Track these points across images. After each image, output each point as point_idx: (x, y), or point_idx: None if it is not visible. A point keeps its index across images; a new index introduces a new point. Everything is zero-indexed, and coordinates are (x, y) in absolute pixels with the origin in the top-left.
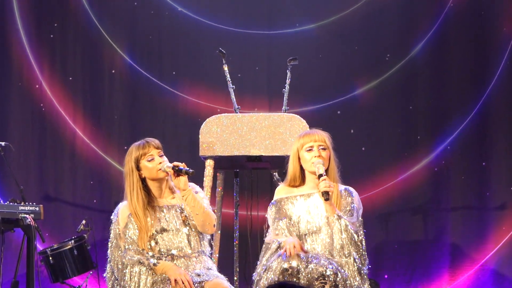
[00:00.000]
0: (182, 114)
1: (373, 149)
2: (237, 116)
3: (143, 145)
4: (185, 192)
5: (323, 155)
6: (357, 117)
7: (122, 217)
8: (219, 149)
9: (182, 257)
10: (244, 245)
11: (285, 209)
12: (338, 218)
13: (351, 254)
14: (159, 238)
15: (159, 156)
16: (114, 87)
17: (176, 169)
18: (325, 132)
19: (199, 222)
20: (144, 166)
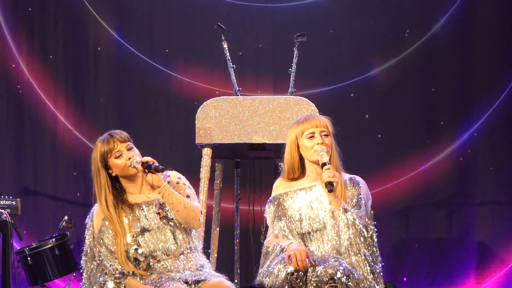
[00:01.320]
0: (176, 97)
1: (390, 137)
2: (237, 99)
3: (107, 140)
4: (160, 189)
5: (326, 142)
6: (372, 100)
7: (96, 220)
8: (218, 136)
9: (169, 257)
10: (246, 244)
11: (285, 206)
12: (344, 211)
13: (360, 252)
14: (140, 240)
15: (128, 149)
16: (100, 66)
17: (145, 166)
18: (326, 116)
19: (181, 218)
20: (113, 164)
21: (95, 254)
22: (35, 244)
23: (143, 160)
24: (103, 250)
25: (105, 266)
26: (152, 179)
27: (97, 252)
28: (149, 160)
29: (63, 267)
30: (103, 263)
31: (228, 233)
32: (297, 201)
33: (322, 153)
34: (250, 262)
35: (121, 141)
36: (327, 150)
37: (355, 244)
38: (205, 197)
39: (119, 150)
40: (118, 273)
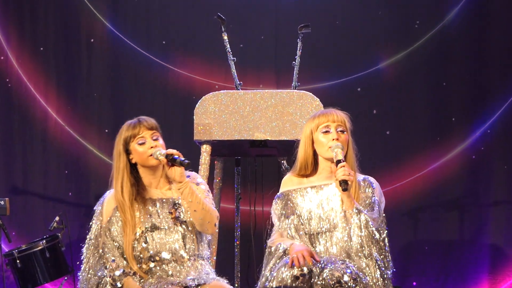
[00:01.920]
0: (174, 91)
1: (399, 133)
2: (238, 93)
3: (134, 124)
4: (181, 185)
5: (342, 139)
6: (380, 95)
7: (107, 209)
8: (217, 132)
9: (174, 261)
10: (247, 246)
11: (294, 204)
12: (357, 212)
13: (372, 255)
14: (148, 237)
15: (153, 139)
16: (94, 59)
17: (169, 158)
18: (344, 112)
19: (197, 220)
20: (133, 150)
21: (99, 244)
22: (24, 246)
23: (168, 152)
24: (108, 243)
25: (107, 260)
26: (175, 173)
27: (101, 243)
28: (175, 153)
29: (54, 271)
30: (105, 256)
31: (228, 235)
32: (306, 199)
33: (337, 149)
34: (251, 265)
35: (147, 127)
36: (342, 147)
37: (367, 247)
38: None
39: (143, 137)
40: (119, 270)
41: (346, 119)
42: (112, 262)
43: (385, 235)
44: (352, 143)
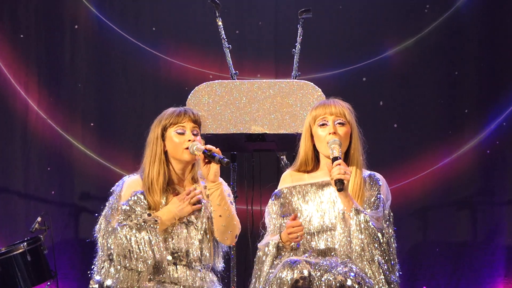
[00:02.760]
0: (165, 82)
1: (407, 126)
2: (234, 83)
3: (179, 113)
4: (214, 185)
5: (339, 132)
6: (387, 85)
7: (127, 191)
8: (211, 125)
9: (185, 264)
10: (243, 248)
11: (292, 203)
12: (356, 212)
13: (374, 259)
14: (173, 231)
15: (193, 133)
16: (78, 47)
17: (207, 154)
18: (346, 102)
19: (219, 227)
20: (169, 138)
21: (112, 222)
22: (4, 249)
23: (207, 147)
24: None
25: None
26: (210, 171)
27: (115, 220)
28: (214, 150)
29: (36, 275)
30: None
31: None
32: (307, 197)
33: (334, 145)
34: (248, 268)
35: (191, 119)
36: (339, 143)
37: (368, 251)
38: None
39: (184, 127)
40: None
41: (347, 111)
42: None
43: (389, 236)
44: (359, 136)
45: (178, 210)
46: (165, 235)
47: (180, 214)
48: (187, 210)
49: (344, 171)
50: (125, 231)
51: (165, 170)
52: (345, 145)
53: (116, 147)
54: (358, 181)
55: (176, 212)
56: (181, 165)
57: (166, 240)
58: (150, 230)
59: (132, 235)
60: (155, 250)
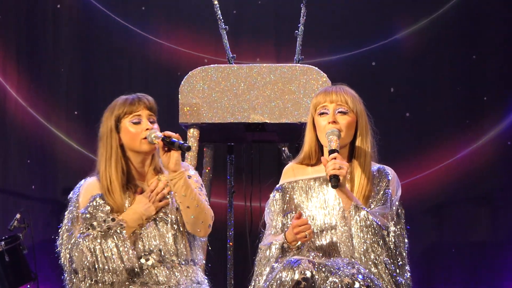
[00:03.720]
0: (155, 66)
1: (421, 115)
2: (231, 68)
3: (132, 101)
4: (175, 174)
5: (340, 122)
6: (399, 70)
7: (84, 197)
8: (207, 114)
9: (163, 264)
10: (242, 248)
11: (294, 199)
12: (356, 210)
13: (379, 260)
14: (143, 232)
15: (150, 121)
16: (61, 28)
17: (167, 141)
18: (352, 89)
19: (188, 219)
20: (125, 129)
21: (75, 232)
22: None
23: (165, 133)
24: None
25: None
26: (170, 159)
27: (78, 229)
28: (173, 136)
29: (15, 278)
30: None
31: (220, 235)
32: (310, 193)
33: (332, 136)
34: (246, 269)
35: (147, 106)
36: (338, 134)
37: (372, 249)
38: None
39: (140, 116)
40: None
41: (350, 98)
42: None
43: (397, 233)
44: (368, 126)
45: (145, 210)
46: (134, 238)
47: (147, 214)
48: (153, 209)
49: (339, 165)
50: (88, 242)
51: (123, 166)
52: (349, 135)
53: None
54: (365, 176)
55: (142, 212)
56: (140, 157)
57: (136, 243)
58: (117, 237)
59: (96, 245)
60: (124, 258)
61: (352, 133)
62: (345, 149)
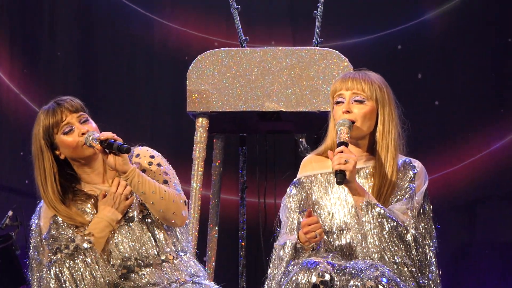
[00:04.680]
0: (161, 50)
1: (450, 104)
2: (244, 52)
3: (53, 109)
4: (127, 175)
5: (355, 111)
6: (427, 54)
7: (45, 219)
8: (217, 102)
9: (148, 266)
10: (254, 248)
11: (312, 195)
12: (368, 207)
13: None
14: (117, 240)
15: (81, 122)
16: (57, 9)
17: (104, 145)
18: (376, 74)
19: (157, 213)
20: (61, 142)
21: (43, 263)
22: None
23: (102, 136)
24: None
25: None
26: (115, 162)
27: (46, 259)
28: (110, 137)
29: (6, 280)
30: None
31: (231, 234)
32: (329, 188)
33: (342, 127)
34: (259, 271)
35: (71, 110)
36: (349, 124)
37: (390, 250)
38: (199, 184)
39: (69, 123)
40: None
41: (368, 85)
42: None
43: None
44: (394, 116)
45: (112, 213)
46: (108, 246)
47: (115, 217)
48: (121, 210)
49: (345, 160)
50: (54, 269)
51: (61, 185)
52: (366, 126)
53: (103, 128)
54: (388, 171)
55: (109, 217)
56: (89, 163)
57: (112, 252)
58: (86, 254)
59: (64, 269)
60: (96, 274)
61: (371, 124)
62: (364, 141)
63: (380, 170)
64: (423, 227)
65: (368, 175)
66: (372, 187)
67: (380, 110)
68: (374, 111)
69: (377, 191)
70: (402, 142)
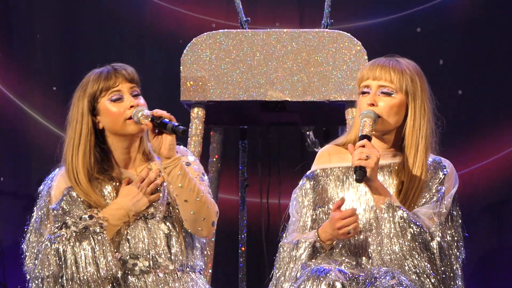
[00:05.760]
0: (152, 32)
1: (476, 93)
2: (245, 34)
3: (107, 74)
4: (169, 161)
5: (380, 104)
6: (449, 38)
7: (57, 189)
8: (214, 90)
9: (154, 271)
10: (256, 253)
11: (328, 190)
12: (389, 209)
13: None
14: (129, 231)
15: (133, 94)
16: None
17: (157, 122)
18: (410, 62)
19: (187, 215)
20: (104, 110)
21: (43, 233)
22: None
23: (156, 113)
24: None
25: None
26: (163, 144)
27: (49, 230)
28: (165, 115)
29: None
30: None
31: (230, 238)
32: (347, 183)
33: (366, 119)
34: (262, 279)
35: (127, 78)
36: (374, 116)
37: (413, 261)
38: None
39: (120, 91)
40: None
41: (397, 76)
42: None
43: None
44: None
45: (133, 204)
46: (118, 238)
47: (136, 209)
48: (144, 203)
49: (366, 155)
50: (58, 245)
51: (96, 155)
52: (393, 121)
53: None
54: (417, 171)
55: (129, 206)
56: (126, 141)
57: (120, 245)
58: (94, 238)
59: (67, 248)
60: (101, 265)
61: (399, 118)
62: (390, 136)
63: (408, 170)
64: (450, 235)
65: (392, 173)
66: (396, 187)
67: (411, 104)
68: (403, 104)
69: (403, 194)
70: (435, 140)
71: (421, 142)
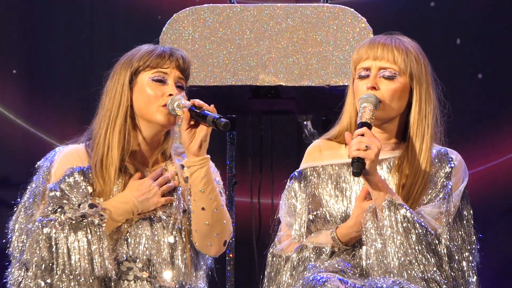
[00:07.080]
0: (127, 7)
1: (497, 78)
2: (232, 9)
3: (161, 53)
4: (197, 160)
5: (382, 88)
6: (466, 15)
7: (60, 167)
8: (198, 73)
9: (150, 281)
10: (246, 260)
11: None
12: (391, 206)
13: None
14: (132, 230)
15: (177, 85)
16: None
17: (196, 112)
18: (411, 41)
19: (201, 226)
20: (141, 86)
21: (35, 213)
22: None
23: (196, 102)
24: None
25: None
26: (191, 140)
27: (41, 211)
28: (206, 107)
29: None
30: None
31: None
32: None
33: (366, 104)
34: None
35: (178, 65)
36: (375, 100)
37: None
38: None
39: (167, 74)
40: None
41: (402, 55)
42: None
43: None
44: (431, 98)
45: (140, 201)
46: (117, 236)
47: (142, 208)
48: (153, 203)
49: (366, 145)
50: (49, 230)
51: (130, 136)
52: (396, 107)
53: (51, 106)
54: (421, 163)
55: (135, 203)
56: (152, 131)
57: (118, 243)
58: (91, 230)
59: (60, 236)
60: (96, 260)
61: (402, 104)
62: (391, 125)
63: (412, 164)
64: (460, 236)
65: (392, 169)
66: (397, 184)
67: (416, 88)
68: (406, 89)
69: (406, 190)
70: (440, 130)
71: (427, 132)
